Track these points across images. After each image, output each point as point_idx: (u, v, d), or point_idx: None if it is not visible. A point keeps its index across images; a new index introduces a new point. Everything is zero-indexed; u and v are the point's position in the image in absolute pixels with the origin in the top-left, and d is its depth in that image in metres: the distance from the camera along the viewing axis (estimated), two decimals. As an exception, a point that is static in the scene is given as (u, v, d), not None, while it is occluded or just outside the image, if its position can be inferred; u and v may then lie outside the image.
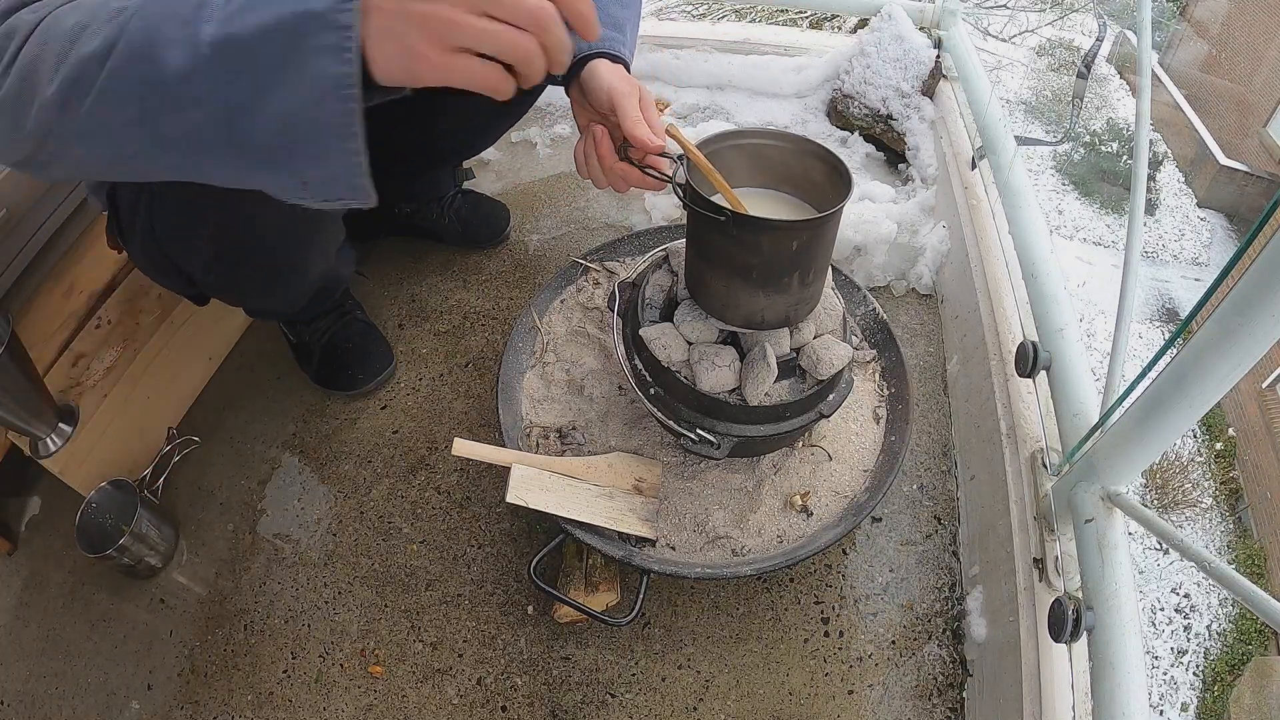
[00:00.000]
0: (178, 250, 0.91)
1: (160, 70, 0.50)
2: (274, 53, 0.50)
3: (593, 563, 0.94)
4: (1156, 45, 10.52)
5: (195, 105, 0.51)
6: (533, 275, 1.37)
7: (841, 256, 1.30)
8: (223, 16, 0.50)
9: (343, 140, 0.51)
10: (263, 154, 0.53)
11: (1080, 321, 1.55)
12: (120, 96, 0.51)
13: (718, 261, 0.79)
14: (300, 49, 0.49)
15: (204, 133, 0.53)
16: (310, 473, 1.14)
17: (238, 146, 0.53)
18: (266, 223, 0.88)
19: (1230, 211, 9.78)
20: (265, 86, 0.50)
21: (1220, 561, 0.57)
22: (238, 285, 1.00)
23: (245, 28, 0.50)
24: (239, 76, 0.50)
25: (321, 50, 0.49)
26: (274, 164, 0.54)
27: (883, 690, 0.92)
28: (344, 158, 0.52)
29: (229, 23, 0.50)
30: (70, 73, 0.51)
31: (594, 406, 1.02)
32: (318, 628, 0.99)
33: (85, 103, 0.52)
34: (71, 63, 0.51)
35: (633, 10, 0.91)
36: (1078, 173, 9.64)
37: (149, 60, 0.50)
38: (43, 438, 1.01)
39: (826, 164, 0.81)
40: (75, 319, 1.13)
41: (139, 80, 0.51)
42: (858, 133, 1.59)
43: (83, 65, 0.51)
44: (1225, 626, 6.26)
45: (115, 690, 0.98)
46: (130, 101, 0.52)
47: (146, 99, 0.51)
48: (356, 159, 0.52)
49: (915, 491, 1.09)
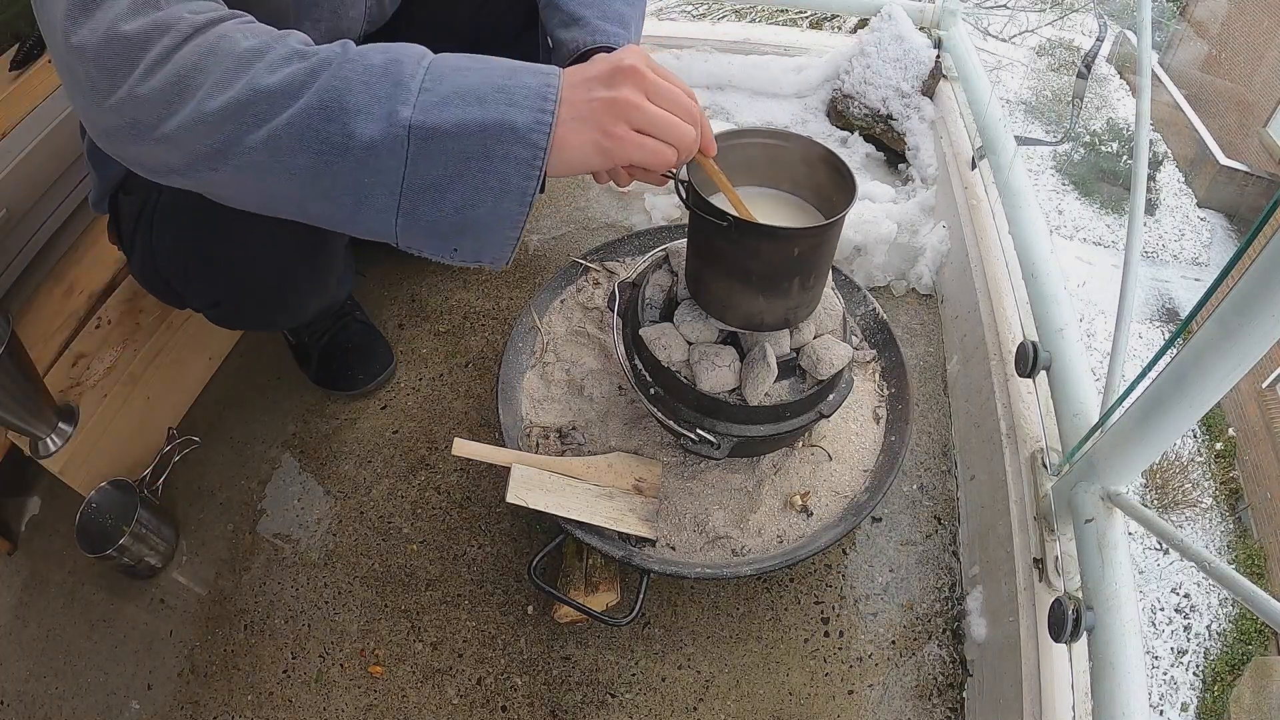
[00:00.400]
0: (177, 281, 0.92)
1: (348, 137, 0.52)
2: (467, 151, 0.53)
3: (593, 563, 0.94)
4: (1156, 45, 10.52)
5: (374, 175, 0.53)
6: (533, 275, 1.37)
7: (841, 256, 1.30)
8: (423, 104, 0.53)
9: (509, 230, 0.57)
10: (428, 226, 0.56)
11: (1080, 321, 1.55)
12: (295, 145, 0.52)
13: (718, 264, 0.79)
14: (493, 155, 0.54)
15: (374, 199, 0.55)
16: (310, 473, 1.14)
17: (405, 215, 0.56)
18: (270, 267, 0.88)
19: (1230, 211, 9.78)
20: (451, 178, 0.54)
21: (1220, 561, 0.57)
22: (235, 319, 1.01)
23: (444, 122, 0.53)
24: (427, 162, 0.53)
25: (512, 160, 0.54)
26: (436, 235, 0.57)
27: (883, 690, 0.92)
28: (503, 241, 0.58)
29: (429, 112, 0.53)
30: (240, 98, 0.51)
31: (594, 406, 1.02)
32: (318, 628, 0.99)
33: (249, 137, 0.52)
34: (242, 89, 0.51)
35: (638, 8, 0.91)
36: (1078, 173, 9.63)
37: (338, 123, 0.52)
38: (43, 438, 1.01)
39: (830, 166, 0.80)
40: (75, 319, 1.13)
41: (321, 137, 0.52)
42: (858, 133, 1.59)
43: (256, 97, 0.51)
44: (1225, 626, 6.26)
45: (115, 690, 0.98)
46: (304, 153, 0.52)
47: (325, 155, 0.52)
48: (513, 239, 0.58)
49: (915, 491, 1.09)
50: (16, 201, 1.17)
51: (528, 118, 0.53)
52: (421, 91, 0.53)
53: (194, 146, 0.53)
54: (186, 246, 0.86)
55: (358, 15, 0.87)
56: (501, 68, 0.56)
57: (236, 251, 0.84)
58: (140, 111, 0.52)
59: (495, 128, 0.53)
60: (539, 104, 0.54)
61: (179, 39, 0.52)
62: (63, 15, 0.53)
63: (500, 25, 1.03)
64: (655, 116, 0.58)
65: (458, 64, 0.56)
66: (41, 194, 1.21)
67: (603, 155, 0.57)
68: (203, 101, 0.51)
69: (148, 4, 0.53)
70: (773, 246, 0.75)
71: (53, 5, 0.54)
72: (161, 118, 0.52)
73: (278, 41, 0.54)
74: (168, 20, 0.52)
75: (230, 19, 0.55)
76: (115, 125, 0.54)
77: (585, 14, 0.86)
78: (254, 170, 0.54)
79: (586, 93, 0.56)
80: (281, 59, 0.53)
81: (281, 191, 0.55)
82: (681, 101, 0.60)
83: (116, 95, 0.52)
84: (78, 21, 0.52)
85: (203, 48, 0.52)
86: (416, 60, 0.55)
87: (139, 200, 0.88)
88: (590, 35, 0.84)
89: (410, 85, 0.53)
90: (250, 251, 0.85)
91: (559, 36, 0.87)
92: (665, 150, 0.59)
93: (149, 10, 0.52)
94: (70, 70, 0.54)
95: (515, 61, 0.57)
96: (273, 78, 0.52)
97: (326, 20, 0.83)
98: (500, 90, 0.54)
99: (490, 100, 0.53)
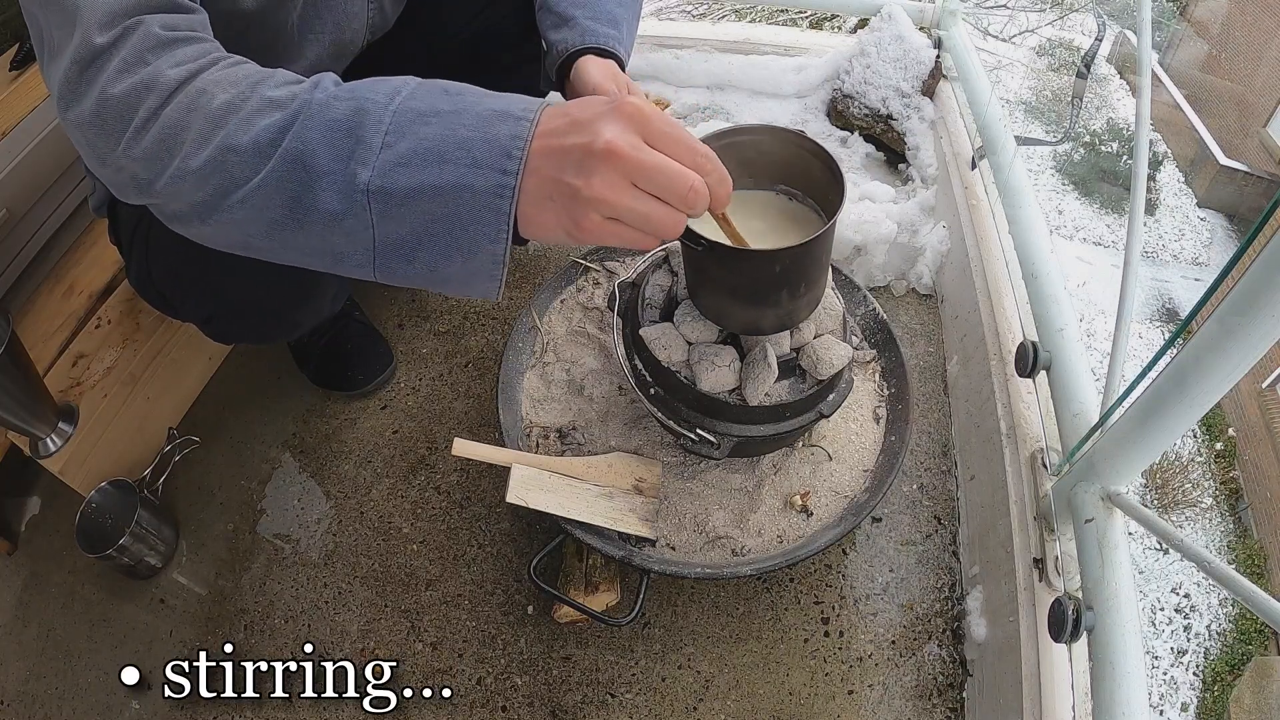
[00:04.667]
0: (172, 295, 0.92)
1: (314, 201, 0.51)
2: (430, 213, 0.50)
3: (593, 563, 0.94)
4: (1156, 45, 10.51)
5: (345, 236, 0.52)
6: (533, 275, 1.37)
7: (841, 256, 1.30)
8: (382, 165, 0.50)
9: (488, 281, 0.53)
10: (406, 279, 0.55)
11: (1080, 321, 1.55)
12: (270, 204, 0.52)
13: (707, 280, 0.79)
14: (456, 217, 0.50)
15: (350, 256, 0.54)
16: (310, 473, 1.14)
17: (381, 270, 0.54)
18: (263, 285, 0.88)
19: (1230, 211, 9.77)
20: (418, 238, 0.51)
21: (1220, 561, 0.57)
22: (229, 334, 1.02)
23: (402, 186, 0.50)
24: (392, 223, 0.51)
25: (477, 223, 0.50)
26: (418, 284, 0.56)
27: (883, 690, 0.92)
28: (486, 286, 0.54)
29: (388, 175, 0.50)
30: (216, 157, 0.51)
31: (594, 406, 1.02)
32: (318, 628, 0.99)
33: (231, 195, 0.52)
34: (217, 148, 0.51)
35: (631, 9, 0.91)
36: (1078, 173, 9.63)
37: (304, 186, 0.50)
38: (43, 438, 1.01)
39: (823, 163, 0.79)
40: (75, 319, 1.13)
41: (290, 199, 0.51)
42: (858, 133, 1.59)
43: (230, 157, 0.51)
44: (1225, 626, 6.26)
45: (115, 690, 0.98)
46: (278, 212, 0.52)
47: (297, 216, 0.52)
48: (497, 285, 0.54)
49: (915, 491, 1.09)
50: (16, 202, 1.17)
51: (489, 181, 0.49)
52: (383, 149, 0.50)
53: (188, 199, 0.54)
54: (181, 262, 0.86)
55: (360, 26, 0.87)
56: (472, 113, 0.51)
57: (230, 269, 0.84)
58: (137, 169, 0.54)
59: (453, 191, 0.49)
60: (501, 163, 0.49)
61: (163, 97, 0.52)
62: (57, 96, 0.55)
63: (502, 29, 1.03)
64: (632, 211, 0.50)
65: (427, 107, 0.51)
66: (41, 194, 1.21)
67: (573, 239, 0.52)
68: (185, 159, 0.52)
69: (135, 62, 0.53)
70: (752, 267, 0.73)
71: (49, 79, 0.56)
72: (156, 174, 0.53)
73: (254, 90, 0.52)
74: (151, 79, 0.53)
75: (211, 66, 0.55)
76: (120, 181, 0.56)
77: (575, 14, 0.85)
78: (238, 225, 0.54)
79: (557, 169, 0.49)
80: (255, 111, 0.52)
81: (266, 245, 0.55)
82: (673, 185, 0.50)
83: (114, 155, 0.54)
84: (67, 102, 0.54)
85: (183, 105, 0.52)
86: (384, 106, 0.51)
87: (136, 211, 0.88)
88: (580, 36, 0.84)
89: (372, 141, 0.50)
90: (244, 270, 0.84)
91: (550, 38, 0.87)
92: (643, 240, 0.53)
93: (136, 68, 0.53)
94: (73, 138, 0.56)
95: (495, 100, 0.52)
96: (245, 136, 0.51)
97: (330, 34, 0.83)
98: (463, 146, 0.50)
99: (450, 159, 0.49)
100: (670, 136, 0.51)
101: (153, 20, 0.55)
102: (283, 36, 0.77)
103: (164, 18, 0.55)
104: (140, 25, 0.54)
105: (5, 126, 1.12)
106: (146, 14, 0.55)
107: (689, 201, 0.51)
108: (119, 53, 0.53)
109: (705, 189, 0.52)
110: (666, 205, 0.51)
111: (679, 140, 0.51)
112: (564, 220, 0.51)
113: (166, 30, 0.55)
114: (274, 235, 0.53)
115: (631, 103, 0.50)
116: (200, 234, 0.57)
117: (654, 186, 0.50)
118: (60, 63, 0.54)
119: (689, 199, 0.51)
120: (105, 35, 0.53)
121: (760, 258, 0.71)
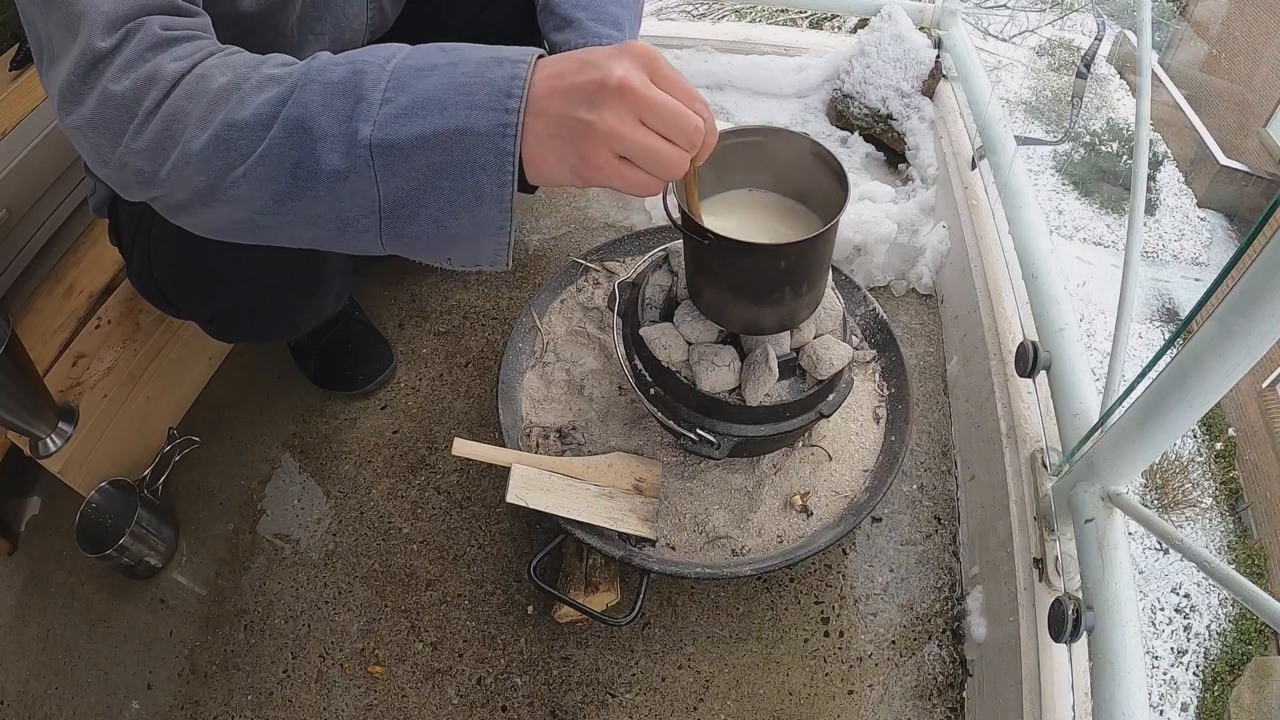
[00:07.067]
0: (173, 293, 0.92)
1: (316, 163, 0.51)
2: (433, 164, 0.50)
3: (593, 563, 0.94)
4: (1156, 45, 10.52)
5: (350, 197, 0.52)
6: (533, 275, 1.37)
7: (841, 256, 1.30)
8: (383, 118, 0.50)
9: (496, 236, 0.53)
10: (412, 241, 0.55)
11: (1080, 321, 1.55)
12: (273, 175, 0.52)
13: (709, 275, 0.79)
14: (460, 164, 0.50)
15: (356, 220, 0.53)
16: (310, 473, 1.14)
17: (388, 233, 0.54)
18: (265, 284, 0.88)
19: (1230, 211, 9.77)
20: (423, 191, 0.51)
21: (1220, 561, 0.57)
22: (231, 333, 1.02)
23: (404, 136, 0.50)
24: (397, 178, 0.51)
25: (481, 167, 0.50)
26: (423, 248, 0.55)
27: (883, 690, 0.92)
28: (495, 247, 0.54)
29: (388, 127, 0.50)
30: (219, 134, 0.51)
31: (594, 406, 1.02)
32: (318, 628, 0.99)
33: (232, 173, 0.52)
34: (220, 125, 0.51)
35: (632, 10, 0.91)
36: (1078, 173, 9.63)
37: (306, 150, 0.51)
38: (43, 438, 1.01)
39: (826, 165, 0.79)
40: (75, 319, 1.13)
41: (293, 165, 0.51)
42: (858, 133, 1.59)
43: (232, 132, 0.51)
44: (1225, 626, 6.26)
45: (115, 690, 0.98)
46: (281, 182, 0.52)
47: (300, 182, 0.52)
48: (505, 244, 0.54)
49: (915, 491, 1.09)
50: (16, 201, 1.17)
51: (490, 121, 0.49)
52: (383, 103, 0.50)
53: (193, 183, 0.54)
54: (182, 260, 0.86)
55: (360, 27, 0.87)
56: (470, 62, 0.51)
57: (232, 268, 0.84)
58: (140, 162, 0.54)
59: (456, 135, 0.49)
60: (502, 103, 0.49)
61: (166, 88, 0.53)
62: (58, 101, 0.55)
63: (503, 30, 1.03)
64: (643, 147, 0.50)
65: (424, 62, 0.52)
66: (41, 194, 1.21)
67: (579, 179, 0.52)
68: (188, 143, 0.52)
69: (136, 60, 0.53)
70: (756, 261, 0.73)
71: (49, 85, 0.56)
72: (158, 165, 0.53)
73: (253, 70, 0.53)
74: (153, 73, 0.53)
75: (209, 56, 0.55)
76: (123, 180, 0.56)
77: (578, 16, 0.86)
78: (242, 203, 0.54)
79: (566, 106, 0.50)
80: (254, 88, 0.52)
81: (270, 222, 0.55)
82: (678, 123, 0.51)
83: (116, 154, 0.54)
84: (69, 106, 0.54)
85: (184, 93, 0.53)
86: (381, 65, 0.51)
87: (138, 209, 0.88)
88: (583, 38, 0.84)
89: (371, 97, 0.50)
90: (246, 268, 0.85)
91: (553, 40, 0.87)
92: (650, 183, 0.53)
93: (137, 66, 0.53)
94: (74, 142, 0.56)
95: (492, 51, 0.53)
96: (245, 110, 0.51)
97: (330, 33, 0.83)
98: (461, 90, 0.50)
99: (450, 105, 0.50)
100: (672, 79, 0.52)
101: (154, 21, 0.55)
102: (283, 38, 0.77)
103: (165, 19, 0.56)
104: (142, 27, 0.54)
105: (5, 126, 1.12)
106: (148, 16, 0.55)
107: (694, 141, 0.52)
108: (121, 54, 0.53)
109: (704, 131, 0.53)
110: (672, 144, 0.52)
111: (680, 84, 0.53)
112: (571, 158, 0.51)
113: (167, 30, 0.55)
114: (279, 208, 0.53)
115: (639, 44, 0.52)
116: (204, 221, 0.57)
117: (661, 124, 0.51)
118: (61, 67, 0.54)
119: (694, 138, 0.52)
120: (108, 39, 0.53)
121: (766, 252, 0.72)
